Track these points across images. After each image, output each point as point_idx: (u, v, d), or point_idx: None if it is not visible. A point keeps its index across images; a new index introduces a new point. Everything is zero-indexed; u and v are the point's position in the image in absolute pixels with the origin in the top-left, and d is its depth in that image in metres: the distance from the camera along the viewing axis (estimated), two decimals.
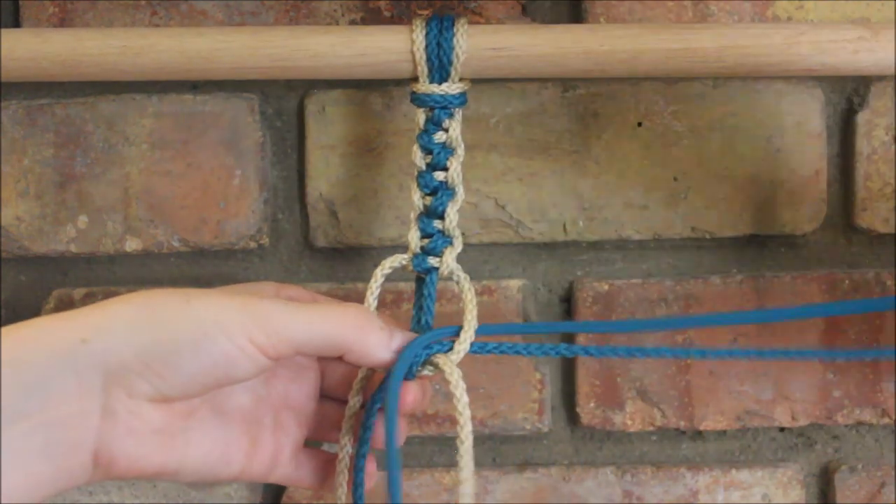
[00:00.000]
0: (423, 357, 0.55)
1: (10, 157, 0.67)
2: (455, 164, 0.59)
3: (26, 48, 0.58)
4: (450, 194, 0.59)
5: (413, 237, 0.60)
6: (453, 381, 0.54)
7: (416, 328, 0.59)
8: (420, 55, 0.58)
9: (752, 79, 0.67)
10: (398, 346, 0.54)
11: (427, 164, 0.60)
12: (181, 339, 0.48)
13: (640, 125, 0.68)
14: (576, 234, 0.68)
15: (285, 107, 0.69)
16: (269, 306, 0.51)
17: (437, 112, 0.59)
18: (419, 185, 0.60)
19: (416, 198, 0.60)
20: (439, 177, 0.59)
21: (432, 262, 0.59)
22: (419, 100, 0.59)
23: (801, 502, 0.70)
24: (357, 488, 0.57)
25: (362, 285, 0.68)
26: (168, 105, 0.67)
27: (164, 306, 0.49)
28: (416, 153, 0.60)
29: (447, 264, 0.59)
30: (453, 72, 0.59)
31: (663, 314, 0.69)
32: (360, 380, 0.58)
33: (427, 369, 0.56)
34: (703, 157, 0.68)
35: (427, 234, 0.60)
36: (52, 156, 0.67)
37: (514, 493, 0.70)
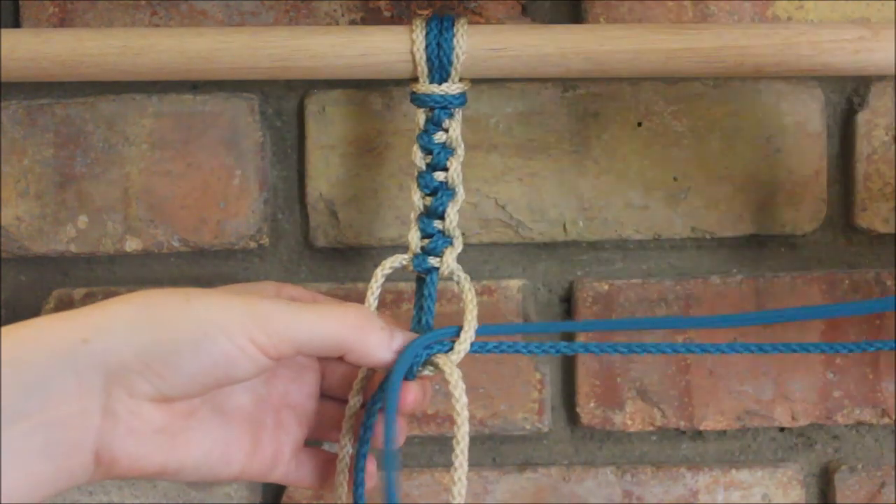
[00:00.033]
0: (424, 357, 0.55)
1: (10, 157, 0.67)
2: (455, 164, 0.59)
3: (26, 48, 0.58)
4: (450, 194, 0.59)
5: (413, 237, 0.60)
6: (453, 382, 0.55)
7: (417, 328, 0.59)
8: (420, 55, 0.58)
9: (752, 79, 0.67)
10: (399, 346, 0.54)
11: (427, 165, 0.60)
12: (181, 339, 0.48)
13: (640, 125, 0.68)
14: (576, 234, 0.68)
15: (285, 107, 0.68)
16: (269, 306, 0.51)
17: (437, 112, 0.59)
18: (419, 186, 0.60)
19: (417, 198, 0.60)
20: (439, 177, 0.59)
21: (433, 262, 0.59)
22: (419, 100, 0.59)
23: (801, 502, 0.70)
24: (357, 488, 0.57)
25: (362, 285, 0.68)
26: (168, 105, 0.67)
27: (164, 306, 0.49)
28: (416, 153, 0.60)
29: (447, 264, 0.59)
30: (453, 72, 0.59)
31: (663, 314, 0.68)
32: (360, 380, 0.58)
33: (427, 369, 0.56)
34: (703, 157, 0.68)
35: (427, 235, 0.60)
36: (52, 156, 0.67)
37: (514, 493, 0.70)
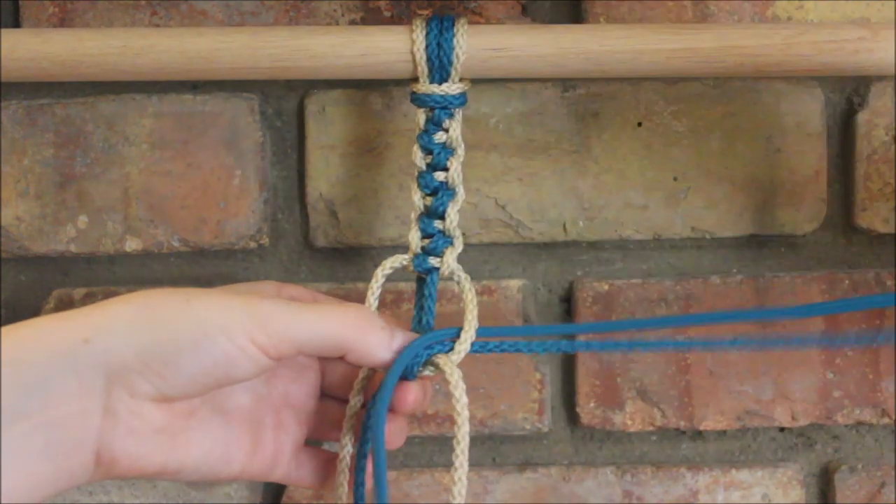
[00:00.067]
0: (424, 357, 0.55)
1: (10, 157, 0.67)
2: (455, 164, 0.59)
3: (26, 48, 0.58)
4: (450, 194, 0.59)
5: (414, 237, 0.60)
6: (453, 382, 0.55)
7: (418, 328, 0.59)
8: (420, 55, 0.58)
9: (751, 79, 0.67)
10: (399, 346, 0.54)
11: (427, 165, 0.60)
12: (181, 339, 0.48)
13: (640, 125, 0.68)
14: (576, 234, 0.68)
15: (285, 107, 0.68)
16: (270, 306, 0.51)
17: (438, 112, 0.59)
18: (419, 186, 0.60)
19: (417, 198, 0.60)
20: (440, 177, 0.59)
21: (433, 262, 0.59)
22: (419, 100, 0.59)
23: (801, 502, 0.70)
24: (358, 488, 0.57)
25: (362, 285, 0.68)
26: (168, 105, 0.67)
27: (164, 306, 0.49)
28: (417, 153, 0.60)
29: (448, 264, 0.59)
30: (453, 72, 0.59)
31: (663, 314, 0.68)
32: (361, 379, 0.58)
33: (428, 370, 0.56)
34: (703, 157, 0.68)
35: (428, 235, 0.60)
36: (52, 156, 0.67)
37: (514, 493, 0.70)
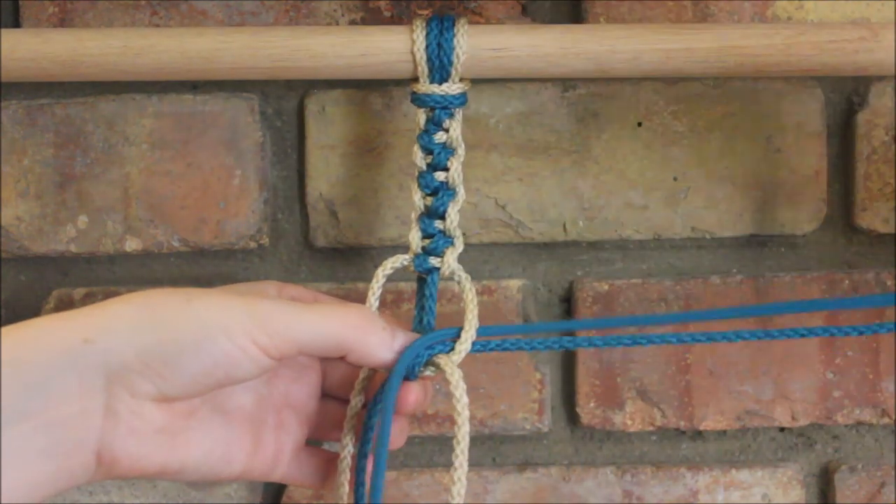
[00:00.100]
0: (425, 357, 0.55)
1: (10, 157, 0.67)
2: (456, 164, 0.59)
3: (26, 48, 0.58)
4: (451, 194, 0.59)
5: (414, 237, 0.60)
6: (454, 382, 0.55)
7: (418, 328, 0.59)
8: (420, 55, 0.58)
9: (751, 79, 0.67)
10: (400, 346, 0.54)
11: (428, 165, 0.60)
12: (182, 339, 0.48)
13: (640, 125, 0.68)
14: (576, 234, 0.68)
15: (285, 107, 0.68)
16: (271, 307, 0.51)
17: (438, 112, 0.59)
18: (420, 186, 0.60)
19: (417, 198, 0.60)
20: (440, 177, 0.59)
21: (434, 262, 0.59)
22: (419, 100, 0.59)
23: (801, 502, 0.70)
24: (358, 488, 0.57)
25: (362, 285, 0.68)
26: (168, 105, 0.67)
27: (165, 306, 0.49)
28: (417, 153, 0.60)
29: (448, 264, 0.59)
30: (453, 72, 0.59)
31: (663, 314, 0.68)
32: (362, 380, 0.58)
33: (429, 370, 0.56)
34: (703, 157, 0.68)
35: (428, 235, 0.59)
36: (52, 156, 0.67)
37: (514, 493, 0.70)
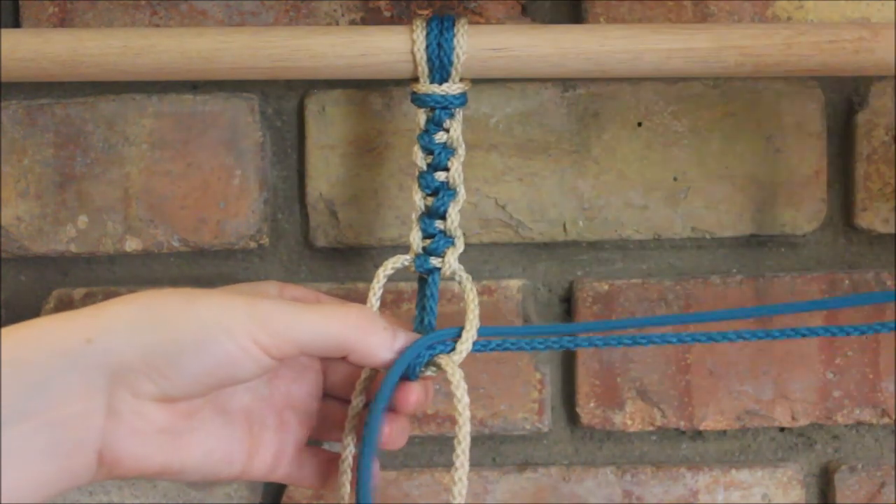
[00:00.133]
0: (426, 357, 0.55)
1: (10, 157, 0.67)
2: (456, 164, 0.59)
3: (26, 48, 0.58)
4: (451, 194, 0.59)
5: (415, 237, 0.60)
6: (455, 382, 0.55)
7: (419, 328, 0.58)
8: (420, 55, 0.58)
9: (752, 79, 0.67)
10: (401, 346, 0.54)
11: (428, 165, 0.60)
12: (184, 339, 0.48)
13: (640, 125, 0.68)
14: (576, 234, 0.68)
15: (285, 107, 0.68)
16: (272, 307, 0.51)
17: (438, 112, 0.59)
18: (420, 186, 0.60)
19: (418, 198, 0.60)
20: (440, 177, 0.59)
21: (434, 262, 0.59)
22: (420, 100, 0.59)
23: (801, 502, 0.70)
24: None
25: (362, 285, 0.68)
26: (168, 105, 0.67)
27: (166, 306, 0.49)
28: (417, 153, 0.60)
29: (449, 264, 0.59)
30: (454, 72, 0.59)
31: (663, 314, 0.68)
32: (363, 380, 0.58)
33: (430, 370, 0.56)
34: (703, 157, 0.68)
35: (429, 235, 0.59)
36: (52, 156, 0.67)
37: (514, 493, 0.70)
